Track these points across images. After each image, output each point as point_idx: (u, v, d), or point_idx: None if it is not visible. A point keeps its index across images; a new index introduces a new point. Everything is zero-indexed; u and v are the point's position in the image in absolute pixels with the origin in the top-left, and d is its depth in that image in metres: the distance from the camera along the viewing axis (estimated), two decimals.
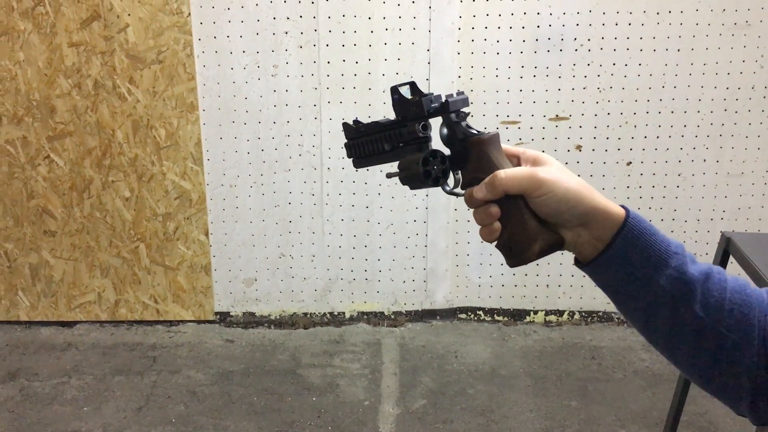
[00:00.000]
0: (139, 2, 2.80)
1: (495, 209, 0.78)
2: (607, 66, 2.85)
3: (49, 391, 2.70)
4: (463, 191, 0.83)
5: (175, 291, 3.16)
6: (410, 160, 0.84)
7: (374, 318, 3.20)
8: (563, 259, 3.06)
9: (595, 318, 3.17)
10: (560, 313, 3.18)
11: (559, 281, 3.13)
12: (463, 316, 3.21)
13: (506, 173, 0.76)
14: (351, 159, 0.95)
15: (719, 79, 2.84)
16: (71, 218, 3.05)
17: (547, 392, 2.68)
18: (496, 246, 0.80)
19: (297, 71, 2.89)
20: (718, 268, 0.75)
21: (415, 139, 0.85)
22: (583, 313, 3.17)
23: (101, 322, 3.19)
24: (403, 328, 3.16)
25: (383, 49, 2.85)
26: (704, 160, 2.94)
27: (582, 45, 2.83)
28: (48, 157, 2.98)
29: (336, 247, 3.11)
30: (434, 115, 0.83)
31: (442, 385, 2.74)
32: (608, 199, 0.75)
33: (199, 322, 3.20)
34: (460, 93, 0.84)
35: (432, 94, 0.84)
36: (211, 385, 2.76)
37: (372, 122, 0.90)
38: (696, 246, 3.02)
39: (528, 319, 3.19)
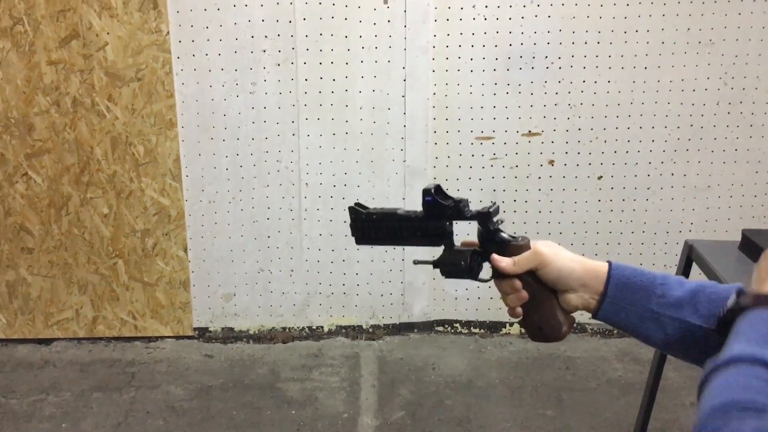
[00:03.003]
0: (118, 21, 2.83)
1: (524, 294, 0.96)
2: (578, 83, 2.93)
3: (26, 408, 2.69)
4: (488, 279, 1.01)
5: (153, 307, 3.17)
6: (457, 257, 1.01)
7: (352, 331, 3.23)
8: None
9: None
10: None
11: None
12: (441, 328, 3.25)
13: (517, 258, 0.96)
14: (355, 239, 1.08)
15: (685, 96, 2.94)
16: (49, 235, 3.06)
17: (522, 402, 2.73)
18: (523, 323, 0.99)
19: (275, 89, 2.93)
20: (711, 283, 0.91)
21: (441, 234, 1.01)
22: None
23: (79, 339, 3.19)
24: (381, 341, 3.20)
25: (360, 66, 2.91)
26: (672, 174, 3.03)
27: (553, 63, 2.91)
28: (26, 174, 2.98)
29: (314, 261, 3.15)
30: (472, 219, 0.99)
31: (420, 396, 2.78)
32: (595, 260, 0.94)
33: (177, 337, 3.21)
34: (493, 203, 1.00)
35: (464, 199, 1.00)
36: (190, 400, 2.77)
37: (388, 211, 1.04)
38: (664, 257, 3.11)
39: (504, 331, 3.24)
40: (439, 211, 1.00)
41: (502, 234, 0.99)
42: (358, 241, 1.09)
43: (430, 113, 2.97)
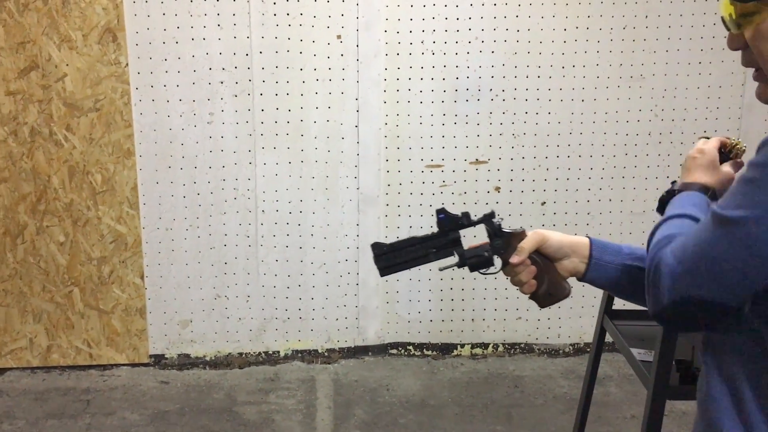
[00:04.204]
0: (77, 53, 2.91)
1: (532, 267, 1.20)
2: (521, 114, 3.11)
3: None
4: (497, 270, 1.25)
5: (109, 335, 3.18)
6: (479, 251, 1.25)
7: (308, 355, 3.30)
8: (487, 294, 3.26)
9: (518, 349, 3.36)
10: (485, 345, 3.36)
11: (484, 315, 3.31)
12: (394, 351, 3.34)
13: (524, 241, 1.22)
14: (380, 269, 1.27)
15: (619, 126, 3.14)
16: (4, 264, 3.06)
17: (473, 419, 2.83)
18: (534, 295, 1.22)
19: (232, 118, 3.03)
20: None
21: (455, 242, 1.24)
22: (507, 345, 3.36)
23: (33, 369, 3.17)
24: (336, 364, 3.27)
25: (314, 98, 3.04)
26: (610, 200, 3.22)
27: (497, 95, 3.09)
28: None
29: (270, 287, 3.22)
30: (479, 222, 1.24)
31: (375, 416, 2.85)
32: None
33: (133, 365, 3.22)
34: (492, 210, 1.27)
35: (466, 211, 1.25)
36: (146, 425, 2.78)
37: (406, 238, 1.25)
38: None
39: (455, 352, 3.35)
40: (453, 224, 1.24)
41: (504, 229, 1.24)
42: (383, 272, 1.27)
43: (382, 142, 3.10)
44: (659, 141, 3.17)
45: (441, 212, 1.25)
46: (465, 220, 1.24)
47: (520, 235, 1.22)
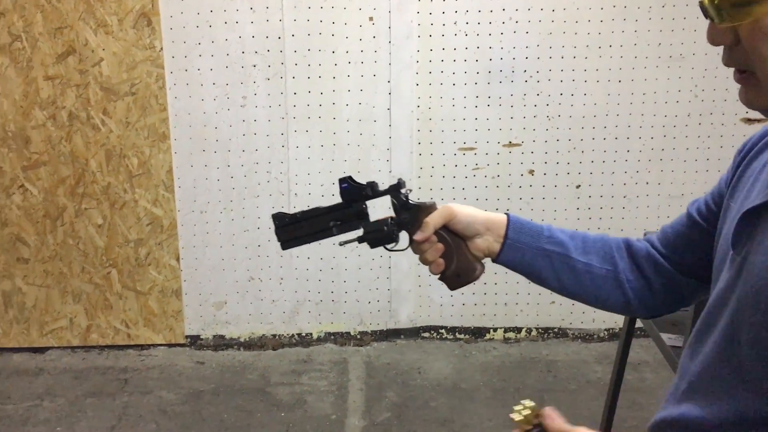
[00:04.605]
0: (113, 38, 2.94)
1: (439, 245, 1.10)
2: (555, 96, 3.06)
3: (22, 413, 2.76)
4: (405, 248, 1.14)
5: (146, 315, 3.24)
6: (378, 225, 1.14)
7: (341, 338, 3.32)
8: (520, 278, 3.22)
9: (551, 334, 3.33)
10: (518, 330, 3.33)
11: (517, 299, 3.29)
12: (426, 334, 3.34)
13: (430, 216, 1.11)
14: (281, 243, 1.18)
15: (658, 108, 3.07)
16: (44, 245, 3.13)
17: (505, 403, 2.82)
18: (443, 276, 1.11)
19: (265, 102, 3.04)
20: (587, 233, 1.13)
21: (360, 214, 1.15)
22: (540, 330, 3.33)
23: (72, 348, 3.25)
24: (368, 347, 3.29)
25: (346, 81, 3.03)
26: (647, 183, 3.15)
27: (531, 77, 3.04)
28: (22, 186, 3.07)
29: (303, 269, 3.24)
30: (386, 193, 1.14)
31: (406, 399, 2.86)
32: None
33: (169, 345, 3.28)
34: (400, 179, 1.16)
35: (373, 181, 1.16)
36: (182, 404, 2.84)
37: (310, 209, 1.17)
38: None
39: (488, 336, 3.34)
40: (357, 194, 1.15)
41: (411, 201, 1.14)
42: (285, 245, 1.18)
43: (414, 125, 3.08)
44: (699, 123, 3.09)
45: (344, 181, 1.15)
46: (370, 191, 1.14)
47: (428, 208, 1.11)
